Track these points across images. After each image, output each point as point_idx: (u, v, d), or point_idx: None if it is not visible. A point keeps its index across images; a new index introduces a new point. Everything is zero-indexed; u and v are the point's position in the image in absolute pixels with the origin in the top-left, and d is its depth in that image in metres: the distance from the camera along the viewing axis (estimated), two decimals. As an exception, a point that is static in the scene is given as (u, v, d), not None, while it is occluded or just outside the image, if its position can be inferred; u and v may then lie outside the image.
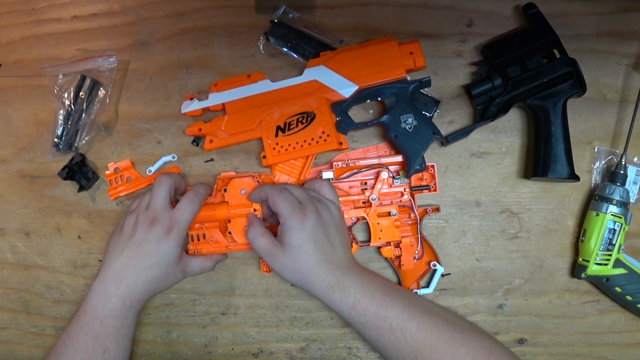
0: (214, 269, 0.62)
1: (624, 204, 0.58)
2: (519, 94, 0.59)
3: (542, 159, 0.58)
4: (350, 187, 0.62)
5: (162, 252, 0.56)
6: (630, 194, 0.61)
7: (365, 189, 0.61)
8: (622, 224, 0.58)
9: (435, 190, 0.61)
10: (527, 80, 0.59)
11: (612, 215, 0.58)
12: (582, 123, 0.62)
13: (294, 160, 0.62)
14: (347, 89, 0.60)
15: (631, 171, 0.61)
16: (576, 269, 0.61)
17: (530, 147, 0.62)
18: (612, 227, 0.58)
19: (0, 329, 0.68)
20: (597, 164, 0.62)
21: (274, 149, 0.61)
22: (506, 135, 0.63)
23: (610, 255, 0.59)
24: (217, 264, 0.63)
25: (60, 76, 0.66)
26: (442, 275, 0.63)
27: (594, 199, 0.60)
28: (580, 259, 0.60)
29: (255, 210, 0.61)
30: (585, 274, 0.59)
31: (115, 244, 0.58)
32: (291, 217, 0.54)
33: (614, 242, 0.58)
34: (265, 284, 0.65)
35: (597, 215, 0.59)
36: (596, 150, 0.62)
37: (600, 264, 0.59)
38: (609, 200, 0.58)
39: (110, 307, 0.55)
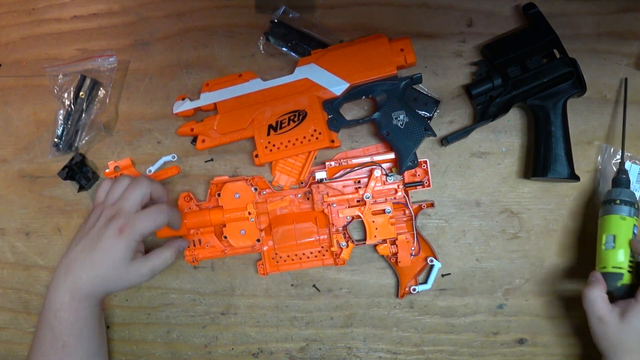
0: (177, 258, 0.60)
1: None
2: (519, 94, 0.59)
3: (542, 159, 0.58)
4: (344, 186, 0.62)
5: (111, 251, 0.54)
6: (636, 192, 0.60)
7: (359, 187, 0.61)
8: None
9: (429, 186, 0.61)
10: (527, 80, 0.59)
11: (637, 219, 0.55)
12: (582, 123, 0.62)
13: (294, 160, 0.62)
14: (338, 87, 0.60)
15: (634, 170, 0.61)
16: (608, 278, 0.55)
17: (530, 147, 0.62)
18: (636, 231, 0.55)
19: (0, 329, 0.68)
20: (600, 159, 0.62)
21: (266, 147, 0.61)
22: (506, 135, 0.63)
23: (633, 261, 0.55)
24: (179, 252, 0.60)
25: (60, 76, 0.66)
26: (443, 276, 0.63)
27: (615, 203, 0.56)
28: (610, 267, 0.55)
29: (249, 213, 0.61)
30: (622, 283, 0.54)
31: (76, 236, 0.57)
32: None
33: None
34: (265, 284, 0.65)
35: (624, 219, 0.55)
36: (603, 147, 0.62)
37: (631, 272, 0.55)
38: (633, 204, 0.55)
39: (60, 300, 0.54)
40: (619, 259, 0.55)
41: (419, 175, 0.61)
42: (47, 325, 0.54)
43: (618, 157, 0.61)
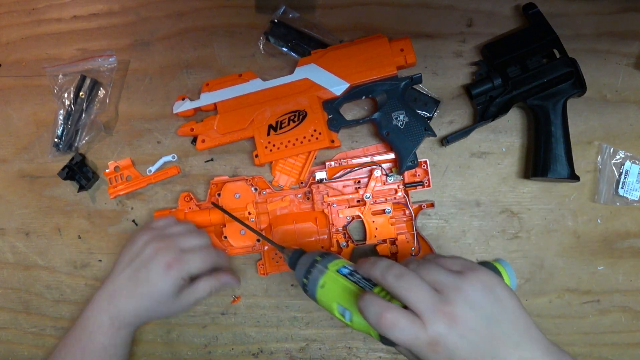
0: (222, 290, 0.60)
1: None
2: (519, 94, 0.59)
3: (542, 159, 0.58)
4: (344, 186, 0.62)
5: (157, 285, 0.53)
6: (636, 192, 0.61)
7: (359, 187, 0.61)
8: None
9: (429, 186, 0.61)
10: (527, 80, 0.59)
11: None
12: (582, 123, 0.62)
13: (294, 160, 0.62)
14: (338, 87, 0.60)
15: (634, 170, 0.61)
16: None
17: (530, 147, 0.61)
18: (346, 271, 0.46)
19: (0, 329, 0.68)
20: (600, 159, 0.62)
21: (266, 147, 0.61)
22: (506, 135, 0.63)
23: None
24: (225, 286, 0.58)
25: (60, 76, 0.66)
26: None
27: (305, 282, 0.47)
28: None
29: (249, 213, 0.61)
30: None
31: (123, 258, 0.56)
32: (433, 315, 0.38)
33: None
34: (265, 284, 0.65)
35: (324, 285, 0.46)
36: (603, 147, 0.62)
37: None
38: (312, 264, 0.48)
39: (99, 324, 0.53)
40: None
41: (418, 175, 0.61)
42: (78, 345, 0.54)
43: (618, 157, 0.61)
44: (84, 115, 0.65)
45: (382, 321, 0.38)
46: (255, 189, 0.62)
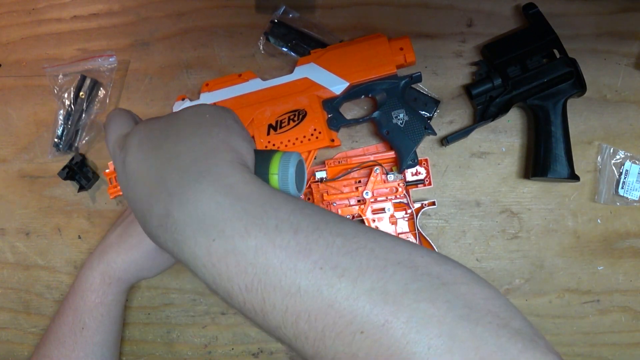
0: None
1: None
2: (519, 94, 0.59)
3: (542, 159, 0.58)
4: (344, 186, 0.62)
5: (143, 237, 0.55)
6: (636, 192, 0.61)
7: (359, 186, 0.61)
8: None
9: (429, 184, 0.61)
10: (527, 80, 0.59)
11: None
12: (582, 123, 0.62)
13: (294, 160, 0.62)
14: (338, 86, 0.60)
15: (634, 170, 0.61)
16: None
17: (530, 147, 0.61)
18: None
19: (0, 329, 0.68)
20: (600, 159, 0.62)
21: (266, 147, 0.61)
22: (506, 135, 0.63)
23: None
24: None
25: (60, 76, 0.66)
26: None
27: None
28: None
29: None
30: None
31: (116, 220, 0.60)
32: None
33: None
34: (265, 284, 0.65)
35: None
36: (603, 147, 0.62)
37: None
38: None
39: (91, 281, 0.55)
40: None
41: (419, 173, 0.61)
42: (71, 306, 0.55)
43: (618, 157, 0.61)
44: (84, 115, 0.65)
45: (108, 114, 0.38)
46: (255, 189, 0.62)
